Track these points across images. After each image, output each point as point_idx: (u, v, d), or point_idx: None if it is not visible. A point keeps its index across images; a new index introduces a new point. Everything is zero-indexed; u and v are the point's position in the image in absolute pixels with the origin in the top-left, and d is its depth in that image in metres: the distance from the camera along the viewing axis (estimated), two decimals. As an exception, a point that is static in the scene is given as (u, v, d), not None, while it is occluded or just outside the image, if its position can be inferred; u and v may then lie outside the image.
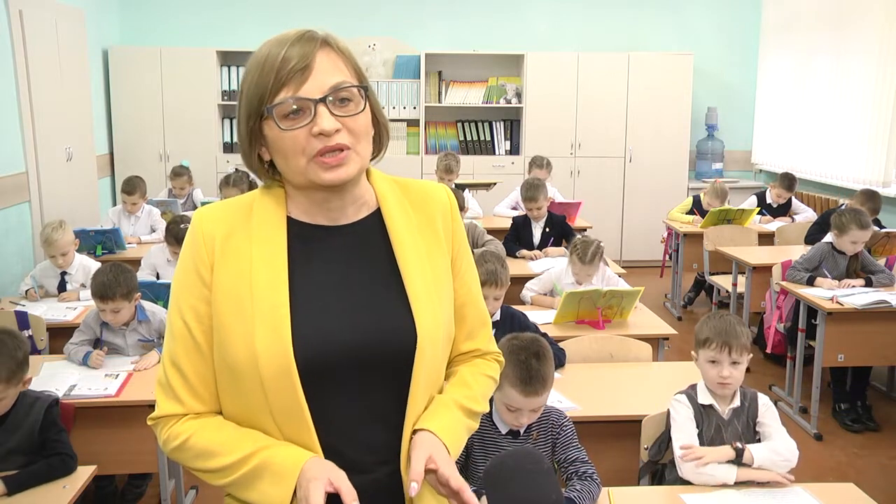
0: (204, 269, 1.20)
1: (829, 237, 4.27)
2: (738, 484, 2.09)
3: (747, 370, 2.34)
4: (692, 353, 2.36)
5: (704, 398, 2.29)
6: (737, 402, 2.28)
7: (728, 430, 2.25)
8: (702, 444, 2.21)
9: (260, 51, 1.18)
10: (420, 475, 1.15)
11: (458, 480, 1.16)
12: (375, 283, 1.24)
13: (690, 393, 2.32)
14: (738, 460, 2.12)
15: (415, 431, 1.22)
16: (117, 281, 3.01)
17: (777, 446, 2.16)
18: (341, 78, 1.17)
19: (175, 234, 4.16)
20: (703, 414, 2.27)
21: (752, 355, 2.32)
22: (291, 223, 1.24)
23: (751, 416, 2.28)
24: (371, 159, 1.28)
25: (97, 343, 3.15)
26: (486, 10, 7.56)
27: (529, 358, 2.08)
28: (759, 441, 2.23)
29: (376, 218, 1.28)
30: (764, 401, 2.30)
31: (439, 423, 1.23)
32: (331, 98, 1.15)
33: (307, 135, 1.14)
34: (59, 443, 2.34)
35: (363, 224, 1.27)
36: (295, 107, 1.14)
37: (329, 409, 1.19)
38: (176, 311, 1.22)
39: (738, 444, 2.14)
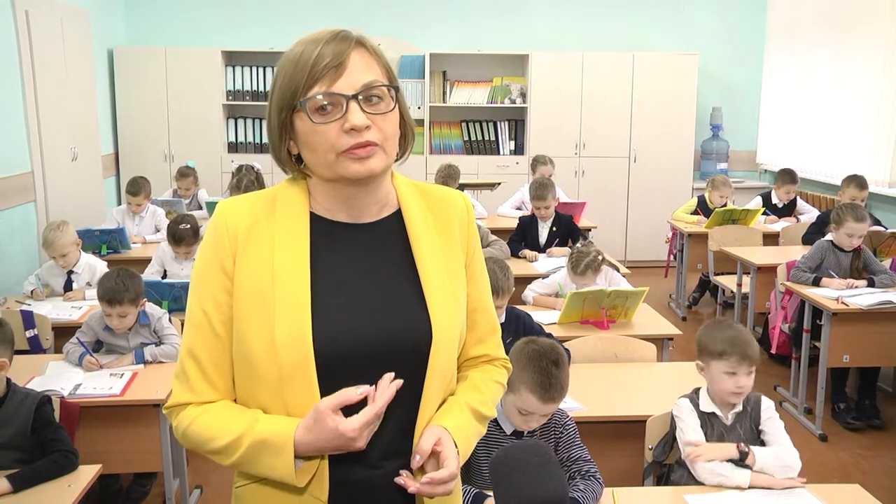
0: (226, 260, 1.22)
1: (829, 235, 4.27)
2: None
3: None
4: (697, 362, 2.35)
5: (707, 406, 2.28)
6: (739, 407, 2.27)
7: (731, 436, 2.25)
8: None
9: (294, 49, 1.20)
10: (425, 452, 1.19)
11: (452, 465, 1.18)
12: (394, 280, 1.26)
13: (693, 398, 2.31)
14: (741, 462, 2.11)
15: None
16: (125, 286, 3.01)
17: (780, 452, 2.14)
18: (373, 77, 1.19)
19: (174, 234, 4.15)
20: (707, 422, 2.26)
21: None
22: (314, 218, 1.26)
23: (753, 421, 2.27)
24: (395, 160, 1.30)
25: (98, 344, 3.16)
26: (490, 11, 7.56)
27: (550, 366, 2.07)
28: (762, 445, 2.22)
29: (397, 218, 1.30)
30: (766, 405, 2.28)
31: (452, 422, 1.24)
32: (362, 95, 1.17)
33: (338, 130, 1.17)
34: (58, 441, 2.33)
35: (385, 223, 1.29)
36: (327, 101, 1.17)
37: None
38: (196, 302, 1.24)
39: (744, 447, 2.13)
